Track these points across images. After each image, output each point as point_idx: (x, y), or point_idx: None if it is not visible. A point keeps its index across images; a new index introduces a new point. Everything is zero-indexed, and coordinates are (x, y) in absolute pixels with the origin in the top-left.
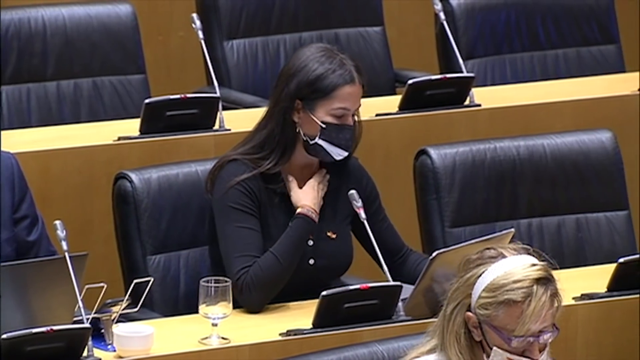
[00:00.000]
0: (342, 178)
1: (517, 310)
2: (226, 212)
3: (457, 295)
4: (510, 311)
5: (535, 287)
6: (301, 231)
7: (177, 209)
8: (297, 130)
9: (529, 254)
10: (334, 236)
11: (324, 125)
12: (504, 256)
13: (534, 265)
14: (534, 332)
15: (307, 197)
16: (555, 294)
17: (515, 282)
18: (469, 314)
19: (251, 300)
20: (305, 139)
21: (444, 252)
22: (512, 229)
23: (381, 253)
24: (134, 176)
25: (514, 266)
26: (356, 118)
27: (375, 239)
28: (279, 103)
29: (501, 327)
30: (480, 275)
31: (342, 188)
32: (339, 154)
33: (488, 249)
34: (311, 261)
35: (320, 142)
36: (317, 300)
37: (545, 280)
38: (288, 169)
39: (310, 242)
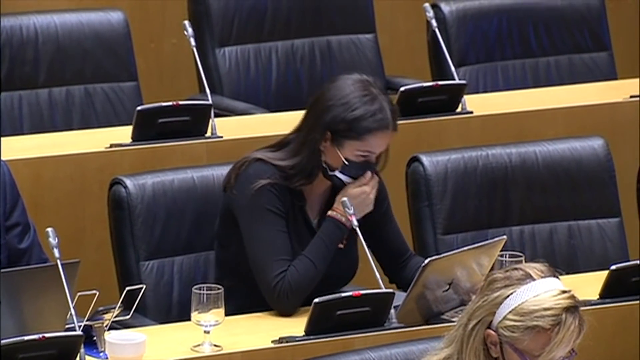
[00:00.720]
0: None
1: (544, 337)
2: (261, 213)
3: (481, 313)
4: (538, 337)
5: (564, 315)
6: (332, 234)
7: (171, 214)
8: (322, 158)
9: (553, 275)
10: (341, 246)
11: (347, 163)
12: (531, 278)
13: (563, 292)
14: (558, 358)
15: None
16: (582, 322)
17: (545, 309)
18: (490, 331)
19: (287, 305)
20: (324, 166)
21: (436, 259)
22: (504, 236)
23: (385, 255)
24: (128, 182)
25: (543, 291)
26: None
27: (381, 240)
28: (311, 132)
29: (525, 351)
30: (508, 296)
31: None
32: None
33: (515, 269)
34: None
35: (340, 175)
36: (309, 308)
37: (574, 309)
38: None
39: None
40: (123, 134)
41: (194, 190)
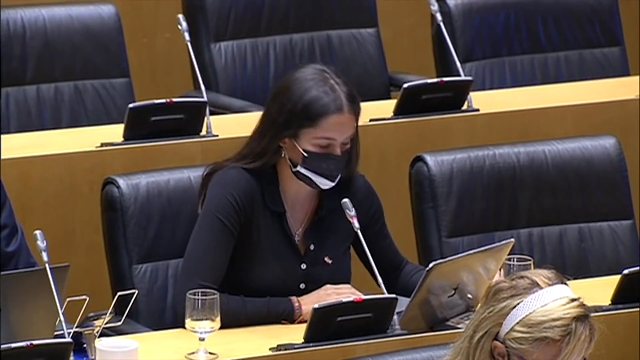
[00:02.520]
0: (345, 198)
1: (554, 349)
2: (210, 217)
3: (487, 324)
4: (547, 349)
5: (574, 325)
6: (280, 310)
7: (166, 216)
8: (283, 155)
9: (561, 282)
10: (330, 262)
11: (306, 155)
12: (539, 286)
13: (572, 301)
14: None
15: (310, 301)
16: (592, 331)
17: (554, 320)
18: (497, 343)
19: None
20: (290, 164)
21: (440, 263)
22: (512, 239)
23: (379, 268)
24: (121, 182)
25: (551, 300)
26: (347, 145)
27: (375, 255)
28: (268, 130)
29: None
30: (515, 307)
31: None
32: (324, 183)
33: (521, 277)
34: (302, 286)
35: (303, 170)
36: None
37: (584, 318)
38: (284, 190)
39: (304, 266)
40: (114, 132)
41: (191, 191)
